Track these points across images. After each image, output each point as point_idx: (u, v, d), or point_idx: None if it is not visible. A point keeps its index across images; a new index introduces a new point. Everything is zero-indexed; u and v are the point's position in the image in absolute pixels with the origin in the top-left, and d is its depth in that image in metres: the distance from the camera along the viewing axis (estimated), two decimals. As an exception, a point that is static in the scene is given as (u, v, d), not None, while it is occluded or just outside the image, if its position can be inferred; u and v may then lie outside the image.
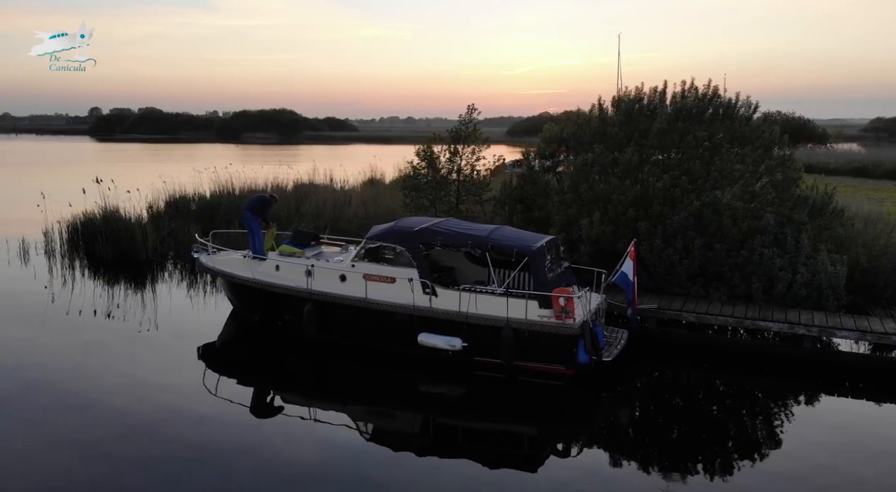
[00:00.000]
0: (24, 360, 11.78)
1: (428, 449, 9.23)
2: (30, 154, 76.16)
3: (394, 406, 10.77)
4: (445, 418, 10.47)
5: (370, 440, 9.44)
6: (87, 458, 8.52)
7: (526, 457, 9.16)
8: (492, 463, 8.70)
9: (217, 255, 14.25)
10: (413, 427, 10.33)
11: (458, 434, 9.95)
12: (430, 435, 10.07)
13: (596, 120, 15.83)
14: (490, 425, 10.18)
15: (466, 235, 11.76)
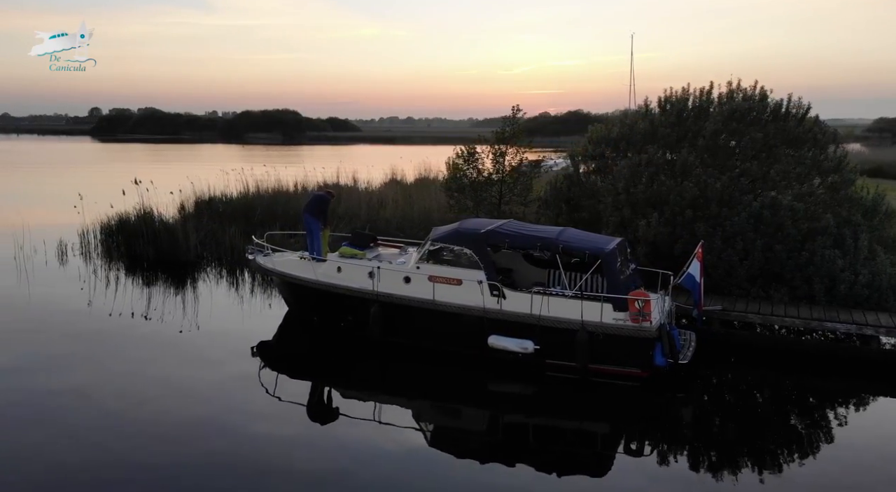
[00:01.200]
0: (70, 361, 11.66)
1: (495, 449, 9.21)
2: (39, 155, 75.90)
3: (460, 407, 10.72)
4: (515, 418, 10.42)
5: (434, 440, 9.41)
6: (137, 459, 8.44)
7: (596, 457, 9.12)
8: (561, 463, 8.69)
9: (273, 256, 14.16)
10: (480, 427, 10.30)
11: (528, 434, 9.89)
12: (499, 435, 10.04)
13: (645, 121, 15.76)
14: (561, 425, 10.15)
15: (535, 237, 11.68)
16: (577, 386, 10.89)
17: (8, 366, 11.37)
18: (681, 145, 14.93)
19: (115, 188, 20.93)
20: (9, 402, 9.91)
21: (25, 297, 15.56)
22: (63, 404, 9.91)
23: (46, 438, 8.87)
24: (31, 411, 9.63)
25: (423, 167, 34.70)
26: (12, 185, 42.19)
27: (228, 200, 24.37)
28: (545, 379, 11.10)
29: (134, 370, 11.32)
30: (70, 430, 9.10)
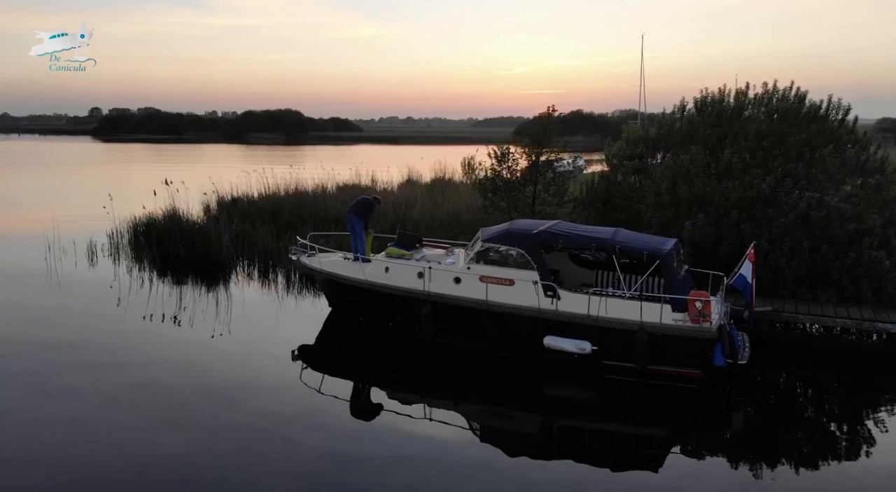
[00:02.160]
0: (104, 364, 11.57)
1: (548, 449, 9.22)
2: (50, 155, 75.81)
3: (513, 406, 10.68)
4: (569, 418, 10.41)
5: (486, 439, 9.40)
6: (185, 461, 8.41)
7: (651, 458, 9.08)
8: (615, 464, 8.67)
9: (316, 256, 14.12)
10: (532, 427, 10.29)
11: (582, 435, 9.90)
12: (553, 435, 10.03)
13: (684, 121, 15.74)
14: (616, 426, 10.12)
15: (590, 238, 11.64)
16: (634, 387, 10.86)
17: (42, 367, 11.28)
18: (722, 146, 14.90)
19: (139, 188, 20.94)
20: (42, 404, 9.84)
21: (56, 298, 15.51)
22: (97, 406, 9.86)
23: (84, 441, 8.78)
24: (66, 415, 9.53)
25: (438, 167, 34.78)
26: (38, 185, 42.36)
27: (254, 200, 24.31)
28: (601, 380, 11.07)
29: (170, 373, 11.26)
30: (105, 434, 9.01)
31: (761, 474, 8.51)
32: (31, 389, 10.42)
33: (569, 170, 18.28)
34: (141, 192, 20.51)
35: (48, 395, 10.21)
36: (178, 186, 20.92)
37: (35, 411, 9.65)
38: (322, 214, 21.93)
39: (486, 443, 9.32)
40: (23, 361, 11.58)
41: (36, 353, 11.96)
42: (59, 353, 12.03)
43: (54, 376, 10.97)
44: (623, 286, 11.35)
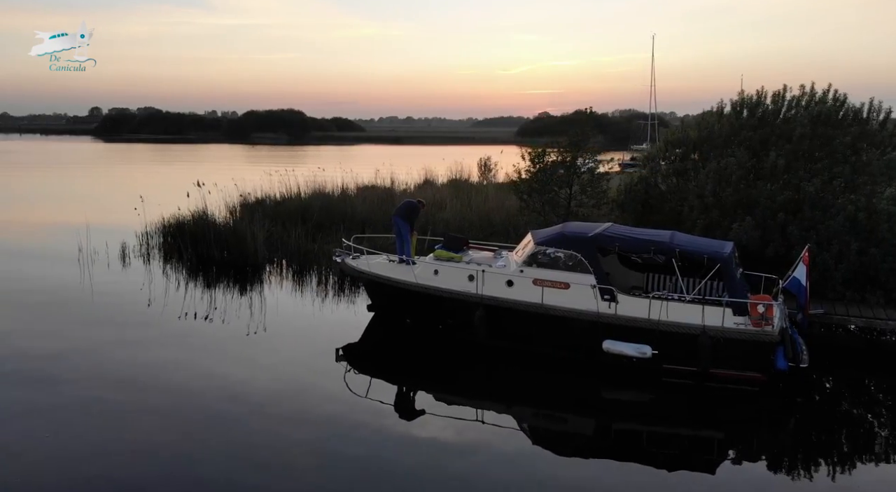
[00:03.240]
0: (142, 366, 11.49)
1: (604, 451, 9.22)
2: (61, 155, 75.87)
3: (566, 410, 10.66)
4: (627, 422, 10.36)
5: (538, 443, 9.37)
6: (226, 463, 8.38)
7: (710, 461, 9.04)
8: (672, 466, 8.65)
9: (360, 258, 14.07)
10: (588, 430, 10.29)
11: (640, 438, 9.84)
12: (611, 438, 10.00)
13: (726, 124, 15.71)
14: (675, 430, 10.06)
15: (648, 241, 11.60)
16: (694, 390, 10.83)
17: (84, 369, 11.25)
18: (764, 148, 14.88)
19: (164, 189, 20.87)
20: (75, 407, 9.77)
21: (89, 299, 15.45)
22: (137, 408, 9.81)
23: (115, 446, 8.71)
24: (97, 418, 9.48)
25: (456, 168, 34.77)
26: (62, 185, 42.48)
27: (278, 201, 24.25)
28: (659, 383, 11.04)
29: (214, 376, 11.23)
30: (140, 438, 8.92)
31: (819, 478, 8.49)
32: (70, 392, 10.32)
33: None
34: (166, 192, 20.46)
35: (83, 398, 10.13)
36: (207, 187, 20.79)
37: (68, 412, 9.60)
38: (350, 214, 21.90)
39: (538, 445, 9.29)
40: (66, 363, 11.56)
41: (78, 355, 11.90)
42: (98, 354, 12.00)
43: (90, 378, 10.95)
44: (683, 290, 11.30)
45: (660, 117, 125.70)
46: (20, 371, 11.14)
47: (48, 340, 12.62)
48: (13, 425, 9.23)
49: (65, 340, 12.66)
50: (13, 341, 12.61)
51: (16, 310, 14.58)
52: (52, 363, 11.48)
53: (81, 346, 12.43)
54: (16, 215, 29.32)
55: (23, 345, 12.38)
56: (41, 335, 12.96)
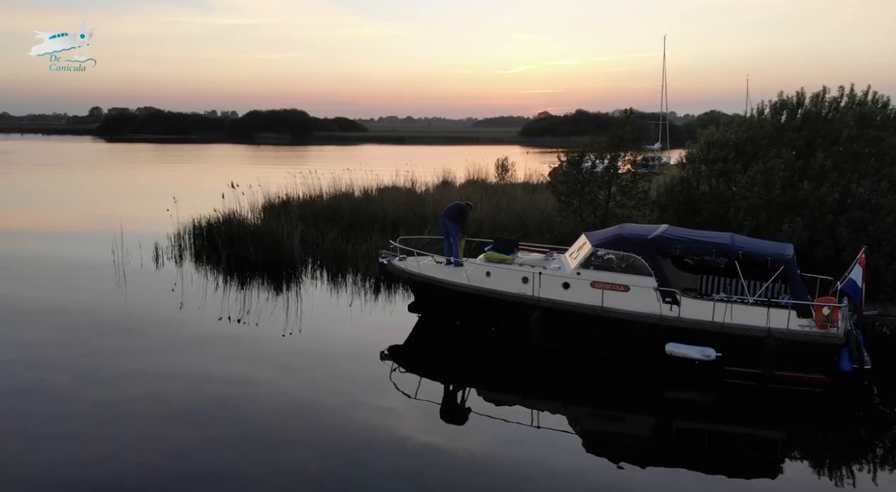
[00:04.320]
0: (189, 368, 11.49)
1: (663, 454, 9.20)
2: (69, 155, 75.97)
3: (625, 412, 10.62)
4: (688, 423, 10.34)
5: (593, 444, 9.38)
6: (274, 465, 8.33)
7: (771, 463, 9.05)
8: (732, 469, 8.63)
9: (406, 259, 14.03)
10: (645, 432, 10.23)
11: (702, 440, 9.84)
12: (673, 440, 9.96)
13: (769, 125, 15.69)
14: (738, 431, 10.03)
15: (710, 243, 11.56)
16: (757, 393, 10.79)
17: (125, 371, 11.22)
18: (810, 149, 14.86)
19: (195, 189, 20.79)
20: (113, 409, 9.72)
21: (122, 301, 15.41)
22: (172, 412, 9.76)
23: (156, 450, 8.61)
24: (136, 419, 9.43)
25: (473, 169, 34.74)
26: (87, 185, 42.63)
27: (306, 202, 24.18)
28: (722, 386, 11.00)
29: (255, 371, 11.24)
30: (181, 443, 8.83)
31: (884, 481, 8.45)
32: (104, 395, 10.26)
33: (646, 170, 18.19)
34: (195, 193, 20.43)
35: (123, 399, 10.08)
36: (237, 188, 20.75)
37: (98, 415, 9.56)
38: (380, 215, 21.84)
39: (593, 447, 9.31)
40: (113, 363, 11.55)
41: (123, 356, 11.89)
42: (134, 356, 11.98)
43: (134, 377, 10.97)
44: (746, 292, 11.26)
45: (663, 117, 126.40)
46: (52, 371, 11.16)
47: (80, 345, 12.53)
48: (43, 425, 9.21)
49: (97, 345, 12.57)
50: (47, 341, 12.62)
51: (51, 310, 14.60)
52: (84, 366, 11.45)
53: (116, 347, 12.39)
54: (50, 215, 29.38)
55: (54, 346, 12.38)
56: (73, 338, 12.88)
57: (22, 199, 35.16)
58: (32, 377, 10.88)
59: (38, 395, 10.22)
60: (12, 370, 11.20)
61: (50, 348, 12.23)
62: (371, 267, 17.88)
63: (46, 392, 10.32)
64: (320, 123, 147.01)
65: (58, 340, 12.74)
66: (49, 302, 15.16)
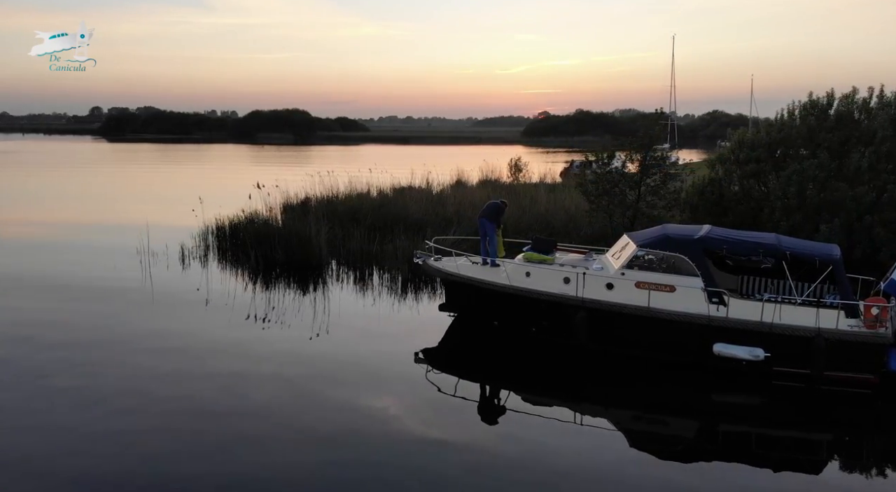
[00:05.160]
0: (223, 368, 11.47)
1: (707, 454, 9.20)
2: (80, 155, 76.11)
3: (671, 413, 10.60)
4: (733, 424, 10.33)
5: (635, 445, 9.34)
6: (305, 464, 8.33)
7: (817, 463, 9.07)
8: (778, 470, 8.62)
9: (442, 260, 14.02)
10: (689, 433, 10.24)
11: (749, 440, 9.79)
12: (719, 440, 9.97)
13: (803, 126, 15.70)
14: (785, 432, 10.04)
15: (756, 243, 11.56)
16: (804, 393, 10.80)
17: (160, 373, 11.19)
18: (843, 150, 14.88)
19: (217, 189, 20.79)
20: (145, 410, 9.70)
21: (149, 300, 15.41)
22: (202, 411, 9.71)
23: (184, 453, 8.57)
24: (164, 420, 9.40)
25: (487, 168, 34.76)
26: (107, 185, 42.78)
27: (328, 202, 24.17)
28: (769, 386, 11.01)
29: (290, 370, 11.26)
30: (214, 445, 8.79)
31: None
32: (132, 395, 10.26)
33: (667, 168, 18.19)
34: (218, 193, 20.39)
35: (154, 399, 10.08)
36: (257, 188, 20.76)
37: (127, 414, 9.57)
38: (403, 215, 21.83)
39: (636, 446, 9.29)
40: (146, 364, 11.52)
41: (153, 358, 11.82)
42: (178, 356, 11.98)
43: (162, 376, 11.00)
44: (794, 292, 11.27)
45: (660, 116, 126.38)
46: (78, 370, 11.19)
47: (107, 343, 12.57)
48: (72, 422, 9.27)
49: (126, 342, 12.60)
50: (74, 340, 12.69)
51: (79, 306, 14.74)
52: (109, 363, 11.51)
53: (145, 346, 12.39)
54: (75, 214, 29.41)
55: (80, 343, 12.49)
56: (100, 336, 12.95)
57: (45, 199, 35.09)
58: (56, 375, 10.96)
59: (64, 392, 10.30)
60: (42, 369, 11.21)
61: (76, 347, 12.29)
62: (399, 267, 17.88)
63: (71, 390, 10.39)
64: (323, 122, 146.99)
65: (84, 339, 12.82)
66: (72, 298, 15.30)
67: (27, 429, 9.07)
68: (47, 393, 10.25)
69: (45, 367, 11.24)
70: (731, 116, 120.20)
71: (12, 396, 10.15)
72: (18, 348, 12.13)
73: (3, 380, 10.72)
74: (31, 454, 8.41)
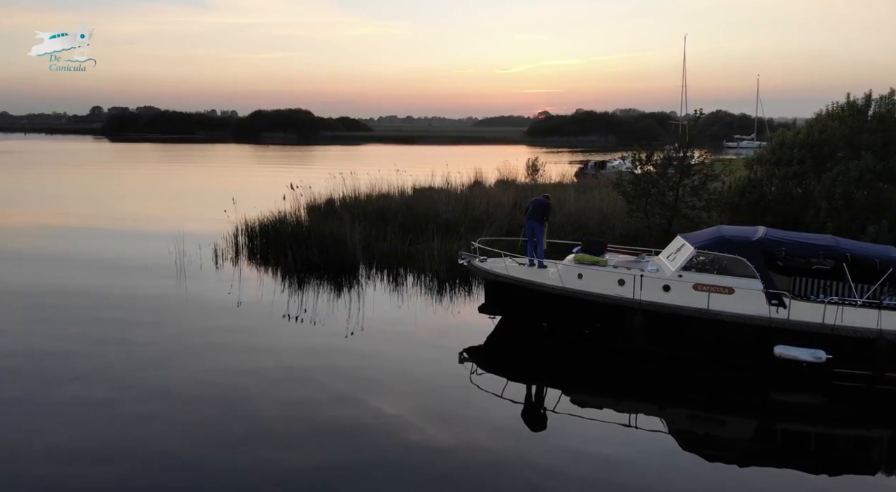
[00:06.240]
0: (269, 368, 11.41)
1: (763, 455, 9.18)
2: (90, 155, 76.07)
3: (728, 414, 10.60)
4: (792, 425, 10.34)
5: (691, 444, 9.37)
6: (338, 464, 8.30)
7: (877, 465, 9.08)
8: (836, 471, 8.65)
9: (487, 261, 13.98)
10: (746, 434, 10.21)
11: (808, 442, 9.85)
12: (778, 442, 9.95)
13: (846, 127, 15.71)
14: (845, 432, 10.05)
15: (815, 245, 11.55)
16: (865, 394, 10.79)
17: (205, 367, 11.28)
18: (888, 151, 14.90)
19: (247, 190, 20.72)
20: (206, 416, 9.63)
21: (183, 300, 15.39)
22: (247, 415, 9.67)
23: (223, 457, 8.49)
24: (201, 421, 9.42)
25: (505, 169, 34.74)
26: (128, 184, 42.88)
27: (357, 202, 24.10)
28: (830, 388, 11.00)
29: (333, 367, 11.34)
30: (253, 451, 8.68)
31: None
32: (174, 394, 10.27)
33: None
34: (248, 194, 20.33)
35: (185, 401, 10.04)
36: (291, 188, 20.70)
37: (165, 415, 9.57)
38: (432, 215, 21.77)
39: (691, 447, 9.31)
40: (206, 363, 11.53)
41: (183, 358, 11.82)
42: (215, 355, 12.04)
43: (201, 372, 11.06)
44: (855, 294, 11.25)
45: (668, 116, 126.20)
46: (106, 364, 11.31)
47: (141, 340, 12.61)
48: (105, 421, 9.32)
49: (165, 342, 12.59)
50: (107, 339, 12.71)
51: (113, 307, 14.76)
52: (144, 361, 11.55)
53: (188, 345, 12.43)
54: (106, 214, 29.41)
55: (115, 343, 12.47)
56: (134, 334, 12.98)
57: (73, 199, 35.08)
58: (91, 368, 11.16)
59: (99, 385, 10.51)
60: (77, 361, 11.43)
61: (109, 343, 12.39)
62: (435, 268, 17.84)
63: (107, 382, 10.63)
64: (326, 122, 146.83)
65: (116, 335, 12.90)
66: (110, 297, 15.43)
67: (60, 425, 9.21)
68: (80, 390, 10.34)
69: (76, 366, 11.32)
70: (734, 116, 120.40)
71: (47, 393, 10.26)
72: (48, 347, 12.24)
73: (39, 376, 10.86)
74: (71, 441, 8.68)
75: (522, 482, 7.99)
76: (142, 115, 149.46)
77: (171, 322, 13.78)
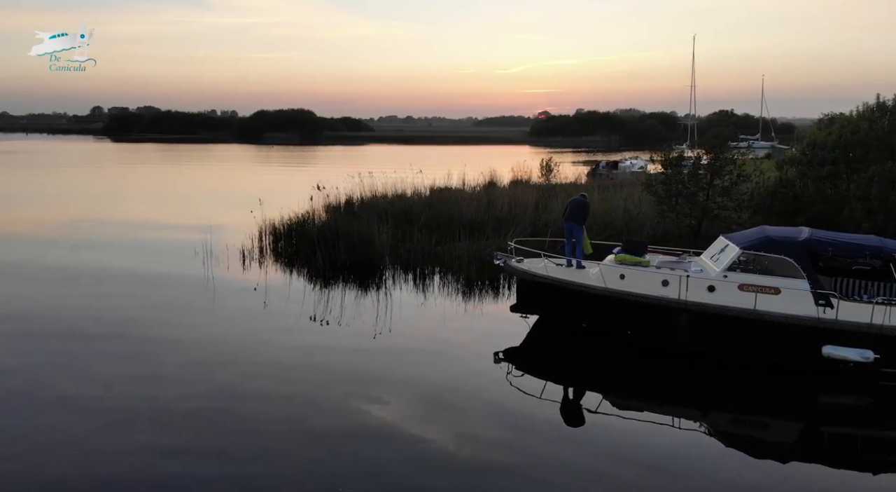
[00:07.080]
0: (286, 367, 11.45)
1: (811, 454, 9.23)
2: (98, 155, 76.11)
3: (773, 415, 10.53)
4: (838, 426, 10.31)
5: (734, 444, 9.37)
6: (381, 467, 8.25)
7: None
8: (883, 472, 8.63)
9: (524, 261, 13.98)
10: (791, 435, 10.22)
11: (854, 442, 9.79)
12: (824, 443, 9.93)
13: (879, 128, 15.74)
14: (893, 434, 10.05)
15: (862, 246, 11.56)
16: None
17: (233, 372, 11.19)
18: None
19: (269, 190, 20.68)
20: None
21: (210, 300, 15.38)
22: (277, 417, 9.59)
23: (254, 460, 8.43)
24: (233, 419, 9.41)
25: (518, 169, 34.76)
26: (148, 184, 42.96)
27: (378, 203, 24.07)
28: (877, 388, 11.00)
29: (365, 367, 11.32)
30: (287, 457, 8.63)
31: None
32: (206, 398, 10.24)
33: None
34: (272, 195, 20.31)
35: (219, 407, 9.97)
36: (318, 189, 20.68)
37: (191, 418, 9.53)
38: (456, 215, 21.75)
39: (734, 446, 9.31)
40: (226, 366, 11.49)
41: (219, 366, 11.65)
42: (238, 350, 12.12)
43: (234, 377, 11.00)
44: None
45: (670, 117, 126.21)
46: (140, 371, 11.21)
47: (169, 343, 12.59)
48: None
49: (192, 343, 12.60)
50: (136, 338, 12.77)
51: (140, 307, 14.80)
52: (172, 361, 11.59)
53: (217, 347, 12.42)
54: (136, 215, 29.39)
55: (143, 340, 12.58)
56: (167, 334, 13.02)
57: (94, 200, 35.00)
58: (124, 366, 11.26)
59: (127, 381, 10.65)
60: (113, 357, 11.58)
61: (138, 344, 12.44)
62: (464, 268, 17.83)
63: (137, 379, 10.73)
64: (328, 122, 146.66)
65: (144, 336, 12.92)
66: (138, 299, 15.45)
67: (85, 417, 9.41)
68: (109, 389, 10.42)
69: (103, 363, 11.43)
70: (737, 117, 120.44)
71: (76, 386, 10.48)
72: (73, 345, 12.34)
73: (69, 370, 11.11)
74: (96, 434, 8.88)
75: (564, 486, 7.97)
76: (143, 115, 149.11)
77: (199, 324, 13.75)
